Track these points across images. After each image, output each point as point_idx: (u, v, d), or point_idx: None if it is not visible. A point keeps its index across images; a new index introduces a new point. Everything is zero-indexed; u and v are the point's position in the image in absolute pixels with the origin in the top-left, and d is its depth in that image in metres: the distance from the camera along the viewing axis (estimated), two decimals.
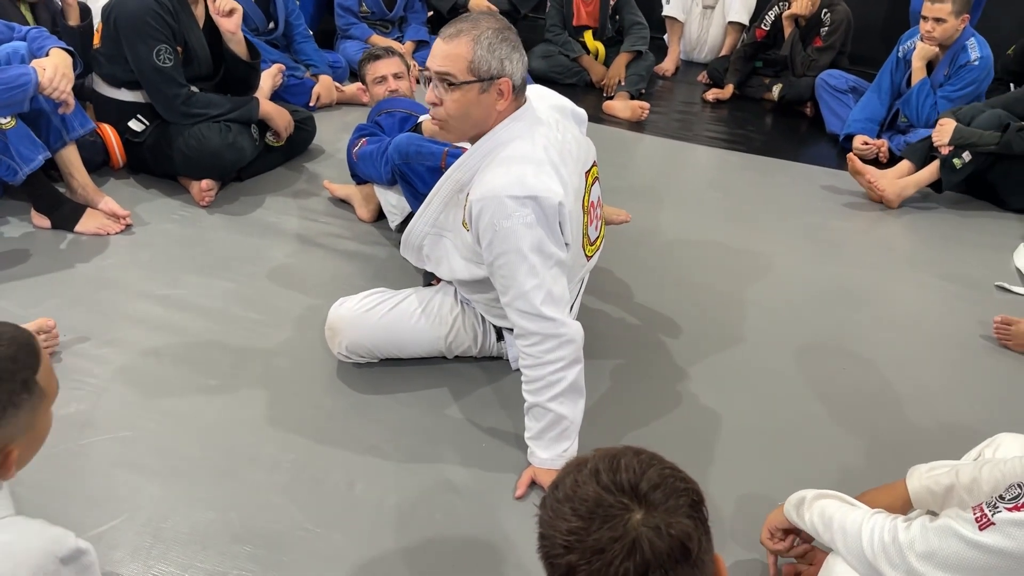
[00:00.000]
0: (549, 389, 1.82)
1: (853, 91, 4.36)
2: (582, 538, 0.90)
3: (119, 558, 1.65)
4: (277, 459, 1.93)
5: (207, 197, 3.02)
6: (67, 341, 2.25)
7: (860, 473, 2.02)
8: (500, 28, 1.81)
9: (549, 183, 1.80)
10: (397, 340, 2.20)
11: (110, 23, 2.90)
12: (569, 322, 1.82)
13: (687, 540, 0.91)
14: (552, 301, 1.80)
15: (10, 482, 1.73)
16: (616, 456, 0.96)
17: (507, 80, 1.80)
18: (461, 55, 1.77)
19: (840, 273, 3.02)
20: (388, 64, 3.17)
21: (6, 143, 2.57)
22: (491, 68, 1.78)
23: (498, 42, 1.78)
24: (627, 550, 0.89)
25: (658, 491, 0.92)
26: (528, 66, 1.88)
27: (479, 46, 1.77)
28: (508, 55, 1.79)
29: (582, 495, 0.92)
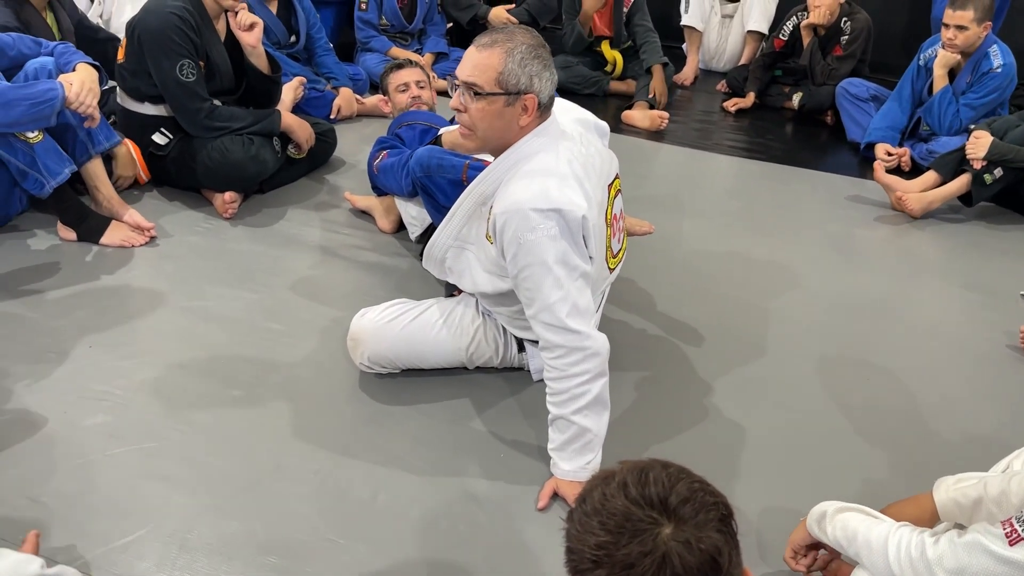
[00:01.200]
0: (573, 402, 1.81)
1: (874, 99, 4.34)
2: (611, 552, 0.90)
3: (145, 569, 1.66)
4: (301, 469, 1.94)
5: (230, 209, 3.05)
6: (92, 352, 2.27)
7: (885, 486, 2.00)
8: (535, 45, 1.81)
9: (573, 196, 1.80)
10: (418, 351, 2.20)
11: (134, 38, 2.94)
12: (595, 334, 1.82)
13: (717, 555, 0.91)
14: (578, 313, 1.79)
15: (34, 493, 1.77)
16: (644, 469, 0.95)
17: (533, 97, 1.80)
18: (492, 66, 1.78)
19: (863, 283, 3.00)
20: (411, 73, 3.20)
21: (33, 157, 2.61)
22: (519, 83, 1.79)
23: (531, 58, 1.78)
24: (657, 565, 0.89)
25: (688, 505, 0.92)
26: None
27: (511, 59, 1.77)
28: (539, 72, 1.79)
29: (610, 509, 0.92)
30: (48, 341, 2.30)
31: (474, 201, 1.98)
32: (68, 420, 2.03)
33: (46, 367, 2.20)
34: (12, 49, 2.74)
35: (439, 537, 1.79)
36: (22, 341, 2.29)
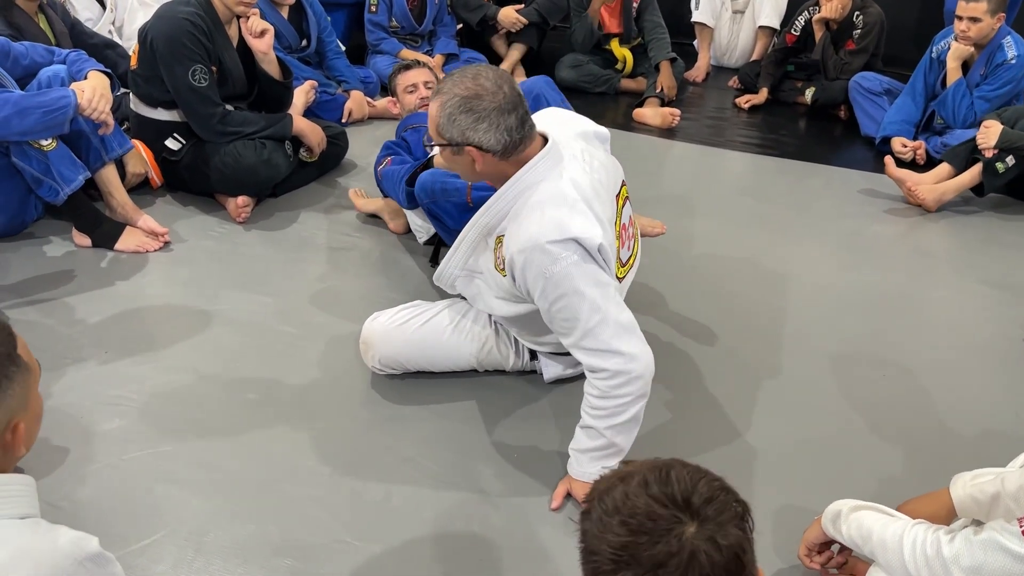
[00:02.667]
0: (610, 418, 1.78)
1: (887, 93, 4.31)
2: (636, 553, 0.89)
3: (162, 571, 1.67)
4: (315, 472, 1.94)
5: (243, 213, 3.07)
6: (108, 358, 2.29)
7: (900, 483, 1.99)
8: (468, 96, 1.73)
9: (586, 224, 1.75)
10: (428, 355, 2.21)
11: (146, 44, 2.96)
12: (640, 354, 1.75)
13: (741, 553, 0.91)
14: (623, 331, 1.75)
15: (52, 497, 1.78)
16: (665, 467, 0.95)
17: (472, 149, 1.76)
18: (432, 116, 1.78)
19: (878, 279, 2.98)
20: (419, 73, 3.18)
21: (48, 164, 2.64)
22: (453, 137, 1.76)
23: (459, 112, 1.73)
24: (685, 564, 0.88)
25: (711, 505, 0.92)
26: (516, 122, 1.76)
27: (442, 113, 1.75)
28: (471, 125, 1.73)
29: (633, 508, 0.91)
30: (64, 347, 2.32)
31: (478, 232, 1.94)
32: (84, 425, 2.04)
33: (62, 373, 2.22)
34: (25, 58, 2.77)
35: (453, 538, 1.80)
36: (38, 347, 2.28)
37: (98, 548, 1.15)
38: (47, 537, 1.12)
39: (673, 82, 4.64)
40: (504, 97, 1.74)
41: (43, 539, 1.11)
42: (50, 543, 1.11)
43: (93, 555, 1.14)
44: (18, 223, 2.83)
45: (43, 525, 1.14)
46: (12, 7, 3.10)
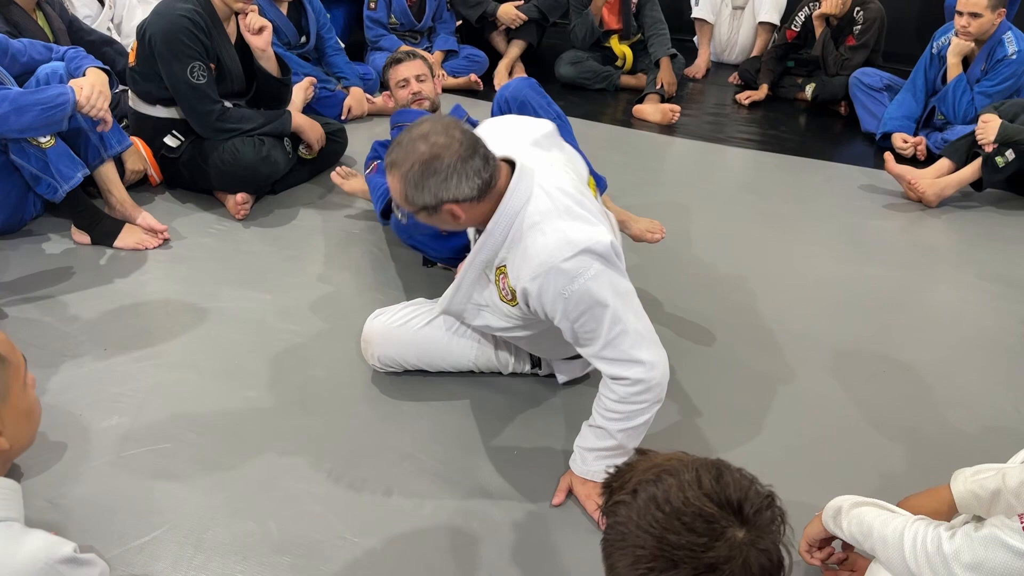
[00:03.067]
0: (624, 422, 1.77)
1: (888, 89, 4.30)
2: (697, 554, 0.89)
3: (161, 569, 1.67)
4: (315, 468, 1.94)
5: (242, 210, 3.06)
6: (107, 354, 2.29)
7: (901, 478, 1.98)
8: (426, 161, 1.65)
9: (590, 230, 1.71)
10: (427, 357, 2.21)
11: (145, 41, 2.96)
12: (659, 361, 1.75)
13: (782, 561, 0.93)
14: (641, 340, 1.73)
15: (51, 495, 1.78)
16: (715, 468, 0.95)
17: (450, 206, 1.70)
18: (396, 190, 1.72)
19: (879, 274, 2.98)
20: (410, 67, 3.11)
21: (46, 162, 2.63)
22: (427, 202, 1.69)
23: (424, 179, 1.66)
24: (739, 569, 0.89)
25: (761, 514, 0.93)
26: (481, 162, 1.69)
27: (407, 184, 1.68)
28: (441, 186, 1.67)
29: (696, 510, 0.91)
30: (63, 344, 2.32)
31: (478, 269, 1.88)
32: (83, 422, 2.04)
33: (61, 370, 2.22)
34: (24, 55, 2.76)
35: (453, 534, 1.79)
36: (37, 345, 2.31)
37: (71, 552, 1.15)
38: (16, 541, 1.11)
39: (673, 78, 4.64)
40: (460, 144, 1.67)
41: (11, 543, 1.10)
42: (16, 547, 1.10)
43: (65, 559, 1.13)
44: (17, 220, 2.83)
45: (15, 528, 1.13)
46: (10, 4, 3.09)
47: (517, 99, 2.43)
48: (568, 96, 4.74)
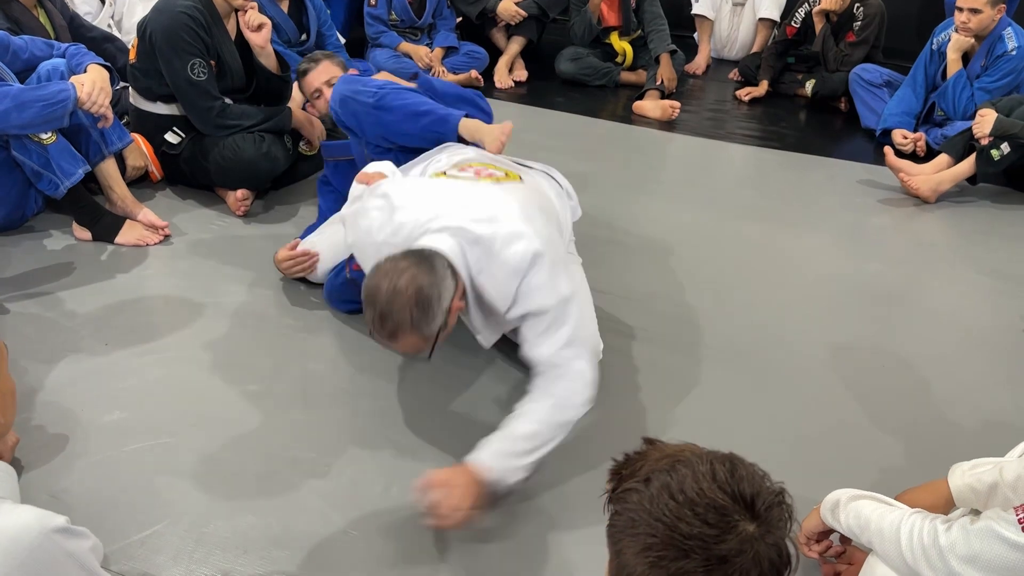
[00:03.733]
0: (562, 432, 1.82)
1: (888, 85, 4.31)
2: (708, 545, 0.89)
3: (162, 562, 1.68)
4: (315, 463, 1.95)
5: (243, 207, 3.07)
6: (108, 350, 2.30)
7: (900, 472, 1.98)
8: (418, 303, 1.63)
9: (518, 245, 1.75)
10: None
11: (145, 38, 2.96)
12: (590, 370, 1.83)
13: (789, 563, 0.93)
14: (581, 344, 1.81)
15: (53, 489, 1.79)
16: (729, 461, 0.95)
17: (455, 304, 1.72)
18: (414, 343, 1.70)
19: (877, 269, 2.98)
20: (318, 75, 3.01)
21: (47, 158, 2.64)
22: (439, 322, 1.68)
23: (426, 307, 1.64)
24: (750, 563, 0.89)
25: (773, 510, 0.93)
26: (429, 262, 1.69)
27: (421, 330, 1.66)
28: (440, 299, 1.66)
29: (709, 501, 0.91)
30: (65, 340, 2.33)
31: (494, 322, 1.90)
32: (85, 417, 2.05)
33: (63, 366, 2.22)
34: (25, 52, 2.77)
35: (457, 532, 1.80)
36: (39, 340, 2.32)
37: (65, 522, 1.16)
38: (9, 514, 1.12)
39: (673, 74, 4.63)
40: (416, 265, 1.66)
41: (5, 516, 1.12)
42: (9, 519, 1.12)
43: (58, 528, 1.14)
44: (18, 217, 2.83)
45: (6, 504, 1.14)
46: (11, 1, 3.10)
47: (342, 108, 2.45)
48: (568, 92, 4.75)
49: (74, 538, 1.16)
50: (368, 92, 2.37)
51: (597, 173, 3.68)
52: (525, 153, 3.75)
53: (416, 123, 2.40)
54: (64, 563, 1.13)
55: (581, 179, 3.53)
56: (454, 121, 2.37)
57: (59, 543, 1.12)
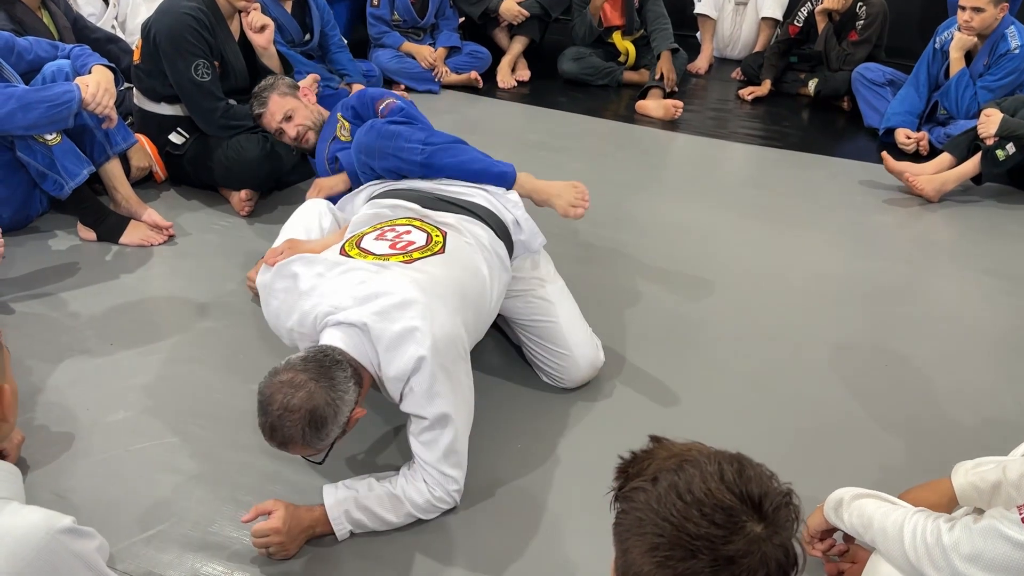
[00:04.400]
0: (412, 511, 1.78)
1: (891, 84, 4.30)
2: (716, 546, 0.89)
3: (168, 561, 1.69)
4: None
5: (247, 207, 3.08)
6: (113, 350, 2.31)
7: (903, 471, 1.99)
8: (311, 418, 1.58)
9: (408, 348, 1.70)
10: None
11: (149, 39, 2.98)
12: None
13: (796, 564, 0.93)
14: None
15: (59, 488, 1.80)
16: (737, 461, 0.95)
17: (354, 414, 1.68)
18: (307, 452, 1.66)
19: (880, 268, 2.98)
20: (272, 114, 2.85)
21: (52, 159, 2.65)
22: (335, 435, 1.64)
23: (319, 426, 1.59)
24: (757, 564, 0.89)
25: (781, 511, 0.93)
26: (325, 366, 1.64)
27: (314, 444, 1.62)
28: (336, 416, 1.61)
29: (717, 502, 0.91)
30: (70, 340, 2.34)
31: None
32: (91, 417, 2.06)
33: (68, 365, 2.23)
34: (30, 53, 2.78)
35: (460, 527, 1.81)
36: (44, 340, 2.33)
37: (71, 523, 1.16)
38: (16, 515, 1.13)
39: (673, 70, 4.61)
40: (315, 380, 1.60)
41: (11, 517, 1.12)
42: (16, 520, 1.12)
43: (65, 528, 1.15)
44: (23, 217, 2.84)
45: (13, 505, 1.15)
46: (15, 2, 3.11)
47: (373, 159, 2.32)
48: (571, 92, 4.75)
49: (81, 538, 1.16)
50: (414, 149, 2.24)
51: (599, 171, 3.69)
52: (528, 154, 3.80)
53: (469, 180, 2.29)
54: (71, 563, 1.14)
55: (583, 178, 3.52)
56: (510, 180, 2.29)
57: (66, 543, 1.13)
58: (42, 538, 1.11)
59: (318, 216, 2.33)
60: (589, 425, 2.14)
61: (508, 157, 2.38)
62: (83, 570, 1.15)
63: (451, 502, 1.81)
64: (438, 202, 2.14)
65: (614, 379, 2.29)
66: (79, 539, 1.16)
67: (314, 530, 1.74)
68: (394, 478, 1.80)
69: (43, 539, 1.11)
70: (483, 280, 1.97)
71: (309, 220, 2.32)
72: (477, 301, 1.93)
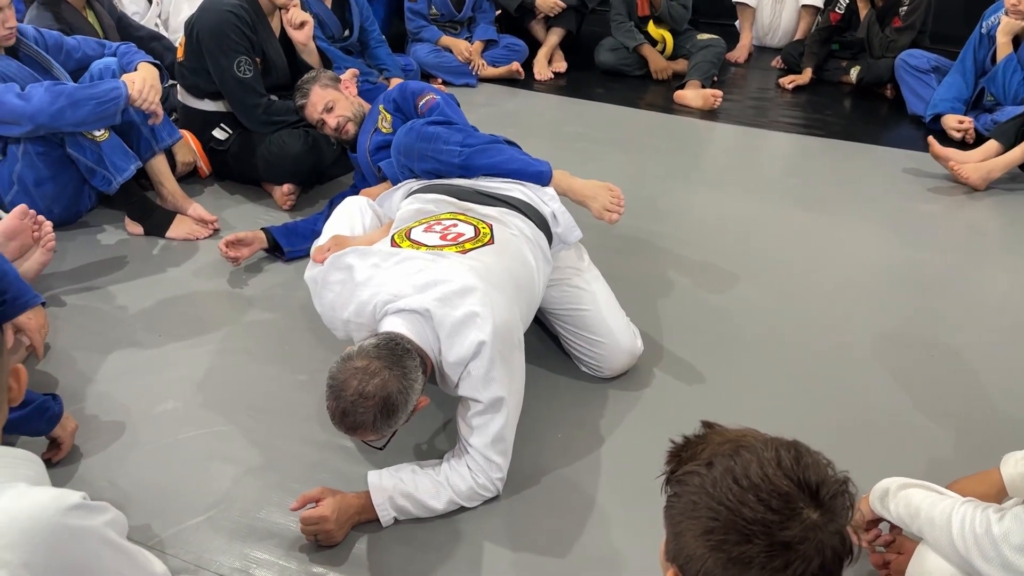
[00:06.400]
0: (455, 498, 1.80)
1: (935, 71, 4.21)
2: (772, 531, 0.88)
3: (217, 547, 1.73)
4: (365, 449, 1.98)
5: (289, 201, 3.12)
6: (161, 341, 2.36)
7: (950, 462, 1.96)
8: (384, 405, 1.61)
9: (470, 333, 1.73)
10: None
11: (192, 37, 3.03)
12: None
13: (851, 552, 0.93)
14: None
15: (110, 475, 1.84)
16: (794, 448, 0.95)
17: (419, 403, 1.70)
18: (373, 438, 1.69)
19: (925, 258, 2.94)
20: (313, 105, 2.90)
21: (100, 155, 2.71)
22: (401, 422, 1.67)
23: (391, 413, 1.62)
24: (811, 552, 0.89)
25: (837, 499, 0.92)
26: (390, 345, 1.67)
27: (384, 430, 1.65)
28: (406, 404, 1.64)
29: (774, 487, 0.90)
30: (118, 331, 2.40)
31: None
32: (141, 406, 2.11)
33: (117, 357, 2.29)
34: (78, 51, 2.85)
35: (503, 513, 1.83)
36: (95, 332, 2.39)
37: (80, 499, 1.14)
38: (25, 496, 1.11)
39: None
40: (387, 367, 1.63)
41: (17, 499, 1.10)
42: (22, 500, 1.11)
43: (73, 505, 1.13)
44: (73, 212, 2.91)
45: (20, 487, 1.12)
46: (61, 3, 3.18)
47: (411, 161, 2.35)
48: (608, 83, 4.73)
49: (92, 513, 1.15)
50: (452, 151, 2.27)
51: (638, 163, 3.68)
52: (565, 145, 3.80)
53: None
54: (84, 539, 1.13)
55: (621, 169, 3.54)
56: (547, 178, 2.30)
57: (76, 519, 1.12)
58: (51, 516, 1.09)
59: (360, 213, 2.36)
60: (629, 414, 2.14)
61: (545, 149, 2.39)
62: (97, 544, 1.14)
63: (493, 490, 1.82)
64: (478, 196, 2.17)
65: (652, 368, 2.29)
66: (90, 514, 1.14)
67: (360, 517, 1.76)
68: (438, 466, 1.82)
69: (53, 517, 1.09)
70: (531, 269, 2.00)
71: (352, 217, 2.35)
72: (527, 289, 1.97)
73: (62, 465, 1.90)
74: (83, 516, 1.14)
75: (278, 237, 2.74)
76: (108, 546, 1.16)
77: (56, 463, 1.89)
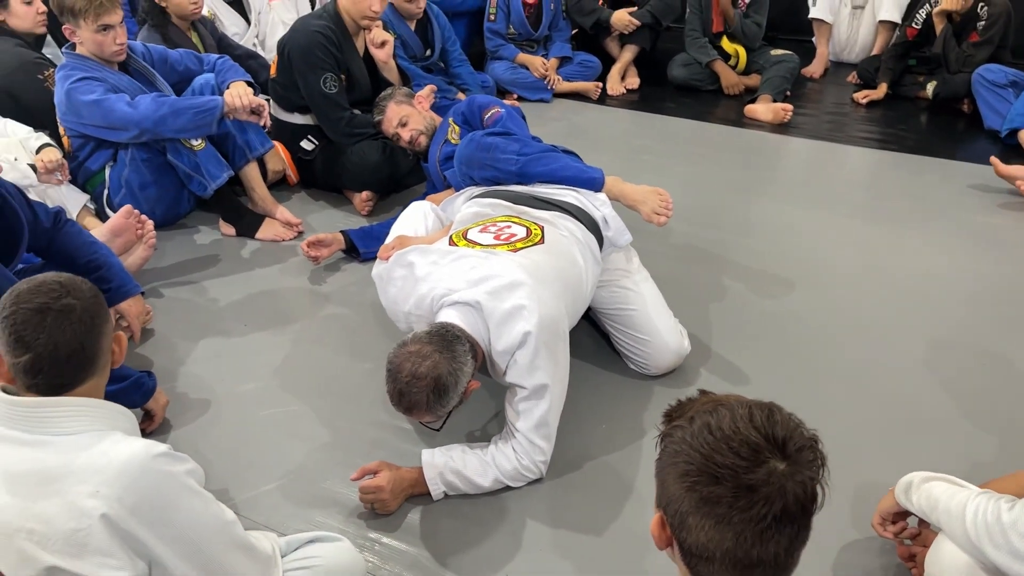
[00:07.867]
0: (501, 477, 1.94)
1: (1013, 85, 4.14)
2: (738, 475, 0.99)
3: (286, 513, 1.91)
4: (422, 431, 2.14)
5: (367, 207, 3.33)
6: (247, 330, 2.59)
7: (993, 467, 1.97)
8: (436, 385, 1.76)
9: (517, 324, 1.87)
10: None
11: (284, 55, 3.28)
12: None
13: (814, 500, 1.02)
14: None
15: (198, 445, 2.04)
16: (768, 408, 1.06)
17: (470, 386, 1.85)
18: (429, 418, 1.85)
19: (987, 270, 2.93)
20: (389, 120, 3.07)
21: (197, 162, 2.98)
22: (454, 403, 1.81)
23: (443, 393, 1.77)
24: (774, 494, 0.99)
25: (804, 452, 1.03)
26: (442, 330, 1.85)
27: (437, 410, 1.80)
28: (457, 385, 1.79)
29: (744, 438, 1.01)
30: (210, 321, 2.63)
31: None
32: (226, 386, 2.33)
33: (207, 343, 2.53)
34: (180, 64, 3.14)
35: (547, 493, 1.96)
36: (189, 321, 2.63)
37: (167, 449, 1.35)
38: (121, 443, 1.33)
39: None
40: (439, 351, 1.78)
41: (115, 445, 1.32)
42: (119, 447, 1.32)
43: (161, 453, 1.33)
44: (173, 214, 3.19)
45: (116, 435, 1.34)
46: (169, 25, 3.49)
47: (473, 171, 2.50)
48: (680, 98, 4.80)
49: (175, 461, 1.36)
50: (510, 160, 2.43)
51: (706, 175, 3.74)
52: (632, 157, 3.90)
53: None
54: (167, 482, 1.34)
55: (686, 181, 3.60)
56: (599, 185, 2.43)
57: (162, 465, 1.33)
58: (143, 460, 1.31)
59: (423, 216, 2.54)
60: None
61: (612, 161, 2.48)
62: (178, 488, 1.34)
63: (537, 472, 1.95)
64: (533, 200, 2.31)
65: (699, 368, 2.38)
66: (174, 462, 1.36)
67: (413, 490, 1.92)
68: (487, 447, 1.97)
69: (144, 461, 1.31)
70: (579, 269, 2.13)
71: (416, 220, 2.54)
72: (575, 287, 2.10)
73: (154, 435, 2.13)
74: (168, 463, 1.35)
75: (355, 239, 2.94)
76: (187, 490, 1.36)
77: (149, 433, 2.11)
